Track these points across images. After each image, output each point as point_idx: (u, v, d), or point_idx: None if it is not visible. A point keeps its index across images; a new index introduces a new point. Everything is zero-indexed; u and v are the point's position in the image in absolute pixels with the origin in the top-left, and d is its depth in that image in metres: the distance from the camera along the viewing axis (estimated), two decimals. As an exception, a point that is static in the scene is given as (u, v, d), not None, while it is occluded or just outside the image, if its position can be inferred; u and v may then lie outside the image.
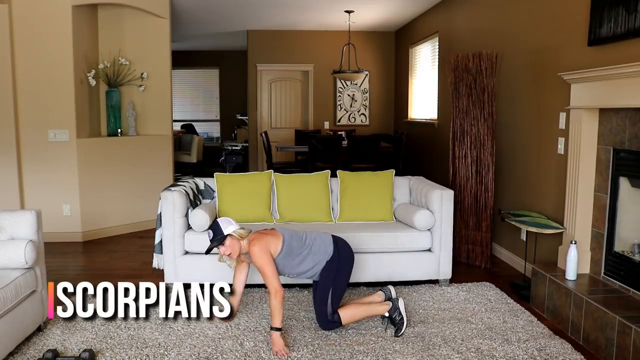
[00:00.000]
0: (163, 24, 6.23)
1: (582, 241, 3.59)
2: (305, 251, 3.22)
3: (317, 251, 3.23)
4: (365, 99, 9.54)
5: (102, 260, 4.94)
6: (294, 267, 3.23)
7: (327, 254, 3.24)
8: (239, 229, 3.17)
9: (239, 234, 3.15)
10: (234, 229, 3.15)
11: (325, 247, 3.25)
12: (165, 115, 6.32)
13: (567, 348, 3.08)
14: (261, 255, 3.09)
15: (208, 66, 12.33)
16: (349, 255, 3.34)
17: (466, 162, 4.78)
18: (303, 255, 3.22)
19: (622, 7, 3.22)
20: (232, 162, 10.20)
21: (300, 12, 7.72)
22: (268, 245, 3.13)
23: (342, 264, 3.27)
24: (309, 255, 3.22)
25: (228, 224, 3.16)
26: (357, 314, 3.27)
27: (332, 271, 3.23)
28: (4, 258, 2.94)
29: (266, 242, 3.14)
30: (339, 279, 3.24)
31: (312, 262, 3.23)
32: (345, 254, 3.31)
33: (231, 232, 3.13)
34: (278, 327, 3.02)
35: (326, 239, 3.30)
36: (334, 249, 3.26)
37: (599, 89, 3.35)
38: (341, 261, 3.26)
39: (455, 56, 4.88)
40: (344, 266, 3.28)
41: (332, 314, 3.19)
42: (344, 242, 3.39)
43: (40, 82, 5.35)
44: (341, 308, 3.24)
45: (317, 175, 4.46)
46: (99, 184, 5.67)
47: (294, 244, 3.21)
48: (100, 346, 3.05)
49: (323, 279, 3.23)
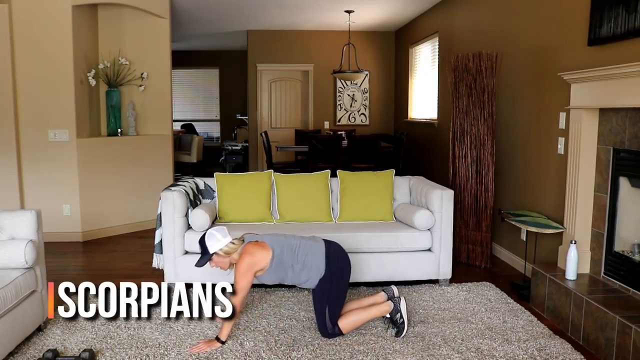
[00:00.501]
0: (163, 24, 6.23)
1: (582, 241, 3.59)
2: (298, 266, 3.11)
3: (310, 266, 3.12)
4: (365, 99, 9.54)
5: (102, 260, 4.94)
6: (284, 278, 3.16)
7: (319, 272, 3.12)
8: (226, 245, 3.05)
9: (225, 251, 3.05)
10: (220, 246, 3.04)
11: (318, 265, 3.12)
12: (165, 115, 6.32)
13: (567, 348, 3.08)
14: (243, 273, 3.00)
15: (208, 66, 12.33)
16: (342, 267, 3.21)
17: (466, 162, 4.78)
18: (295, 270, 3.12)
19: (622, 7, 3.22)
20: (232, 162, 10.20)
21: (300, 12, 7.72)
22: (256, 263, 3.03)
23: (336, 279, 3.15)
24: (302, 270, 3.12)
25: (215, 242, 3.04)
26: (357, 321, 3.21)
27: (326, 288, 3.13)
28: (4, 258, 2.94)
29: (255, 260, 3.03)
30: (334, 294, 3.15)
31: (306, 276, 3.14)
32: (339, 267, 3.17)
33: (216, 251, 3.04)
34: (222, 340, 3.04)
35: (318, 255, 3.14)
36: (326, 266, 3.12)
37: (599, 89, 3.35)
38: (334, 276, 3.14)
39: (455, 56, 4.88)
40: (338, 280, 3.16)
41: (332, 328, 3.14)
42: (337, 252, 3.23)
43: (40, 82, 5.35)
44: (341, 318, 3.17)
45: (317, 175, 4.46)
46: (99, 184, 5.67)
47: (284, 257, 3.10)
48: (100, 346, 3.05)
49: (318, 294, 3.15)
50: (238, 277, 3.01)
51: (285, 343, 3.12)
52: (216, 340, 3.04)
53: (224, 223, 4.17)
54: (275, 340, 3.15)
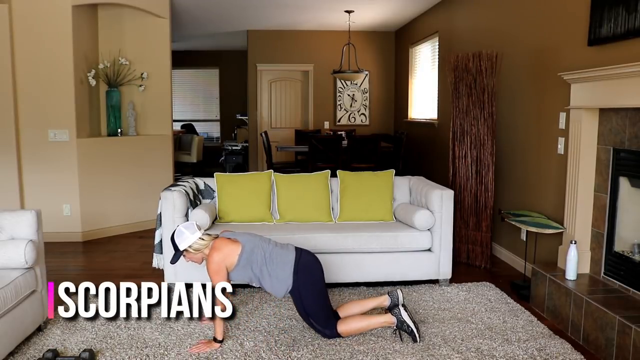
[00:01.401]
0: (163, 24, 6.23)
1: (582, 241, 3.59)
2: (266, 271, 3.07)
3: (276, 277, 3.07)
4: (365, 99, 9.54)
5: (102, 260, 4.94)
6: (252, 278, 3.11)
7: (287, 286, 3.07)
8: (195, 242, 3.03)
9: (194, 248, 3.04)
10: (189, 242, 3.02)
11: (285, 279, 3.06)
12: (165, 115, 6.32)
13: (567, 348, 3.08)
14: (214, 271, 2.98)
15: (208, 66, 12.33)
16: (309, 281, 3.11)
17: (466, 162, 4.78)
18: (264, 273, 3.07)
19: (622, 7, 3.22)
20: (232, 162, 10.20)
21: (300, 12, 7.72)
22: (224, 258, 3.01)
23: (305, 292, 3.09)
24: (270, 277, 3.07)
25: (183, 239, 3.03)
26: (358, 329, 3.16)
27: (298, 300, 3.11)
28: (4, 258, 2.94)
29: (223, 256, 3.01)
30: (309, 306, 3.11)
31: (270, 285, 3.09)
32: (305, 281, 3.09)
33: (186, 248, 3.04)
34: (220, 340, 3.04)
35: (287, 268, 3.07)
36: (293, 282, 3.07)
37: (599, 89, 3.35)
38: (303, 290, 3.08)
39: (455, 56, 4.88)
40: (307, 294, 3.09)
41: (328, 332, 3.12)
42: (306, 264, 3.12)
43: (40, 82, 5.35)
44: (341, 322, 3.15)
45: (317, 175, 4.46)
46: (99, 184, 5.67)
47: (254, 257, 3.07)
48: (100, 346, 3.05)
49: (296, 304, 3.13)
50: (210, 275, 3.01)
51: (285, 343, 3.12)
52: (214, 341, 3.04)
53: (224, 223, 4.17)
54: (275, 340, 3.15)
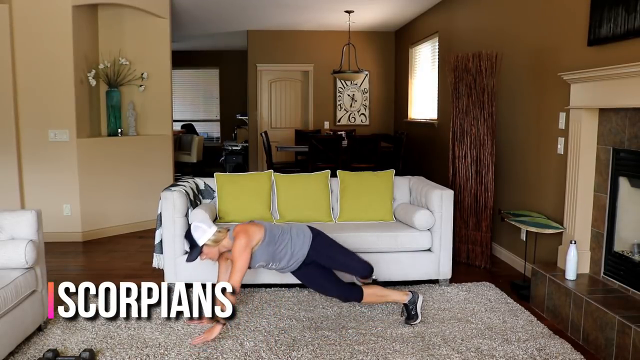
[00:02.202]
0: (163, 24, 6.23)
1: (581, 241, 3.59)
2: (287, 237, 3.24)
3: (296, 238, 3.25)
4: (365, 99, 9.54)
5: (102, 260, 4.94)
6: (275, 254, 3.21)
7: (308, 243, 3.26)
8: (213, 235, 3.11)
9: (213, 240, 3.11)
10: (208, 236, 3.10)
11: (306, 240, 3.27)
12: (165, 115, 6.32)
13: (566, 348, 3.08)
14: (241, 251, 3.05)
15: (208, 66, 12.33)
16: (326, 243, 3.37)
17: (466, 162, 4.78)
18: (284, 243, 3.22)
19: (622, 7, 3.22)
20: (232, 162, 10.21)
21: (300, 12, 7.72)
22: (252, 237, 3.10)
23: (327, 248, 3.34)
24: (289, 242, 3.24)
25: (202, 233, 3.10)
26: (378, 295, 3.40)
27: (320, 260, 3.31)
28: (4, 258, 2.94)
29: (251, 234, 3.10)
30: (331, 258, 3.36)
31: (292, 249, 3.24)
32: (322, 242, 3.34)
33: (206, 242, 3.10)
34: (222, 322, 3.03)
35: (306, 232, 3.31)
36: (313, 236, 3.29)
37: (599, 89, 3.35)
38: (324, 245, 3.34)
39: (455, 56, 4.89)
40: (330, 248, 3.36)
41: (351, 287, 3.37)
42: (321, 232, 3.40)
43: (41, 82, 5.35)
44: (366, 287, 3.38)
45: (317, 175, 4.46)
46: (99, 184, 5.67)
47: (275, 231, 3.23)
48: (101, 346, 3.06)
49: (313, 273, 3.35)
50: (236, 256, 3.04)
51: (285, 343, 3.12)
52: (216, 323, 2.97)
53: (224, 223, 4.17)
54: (275, 340, 3.15)
